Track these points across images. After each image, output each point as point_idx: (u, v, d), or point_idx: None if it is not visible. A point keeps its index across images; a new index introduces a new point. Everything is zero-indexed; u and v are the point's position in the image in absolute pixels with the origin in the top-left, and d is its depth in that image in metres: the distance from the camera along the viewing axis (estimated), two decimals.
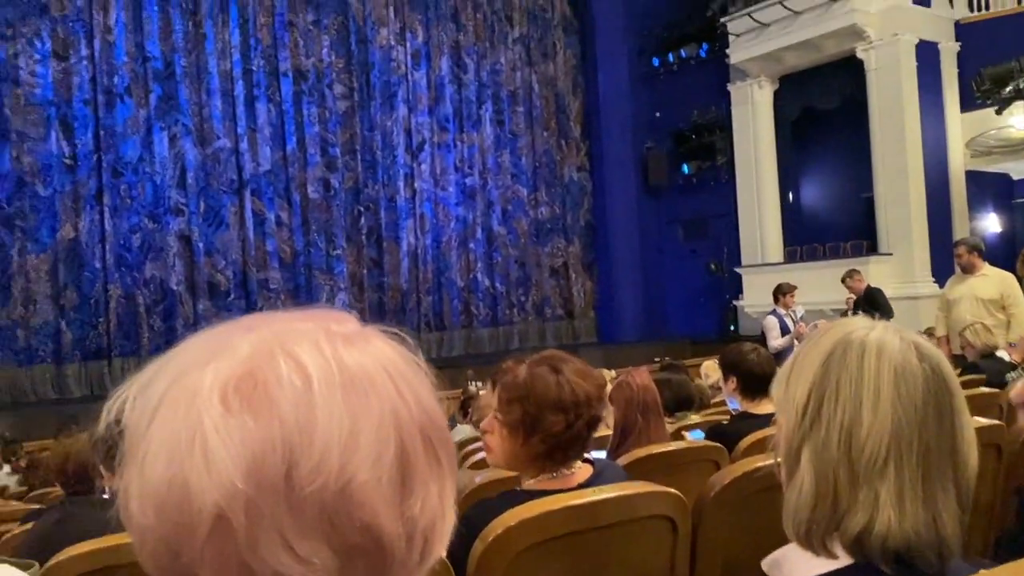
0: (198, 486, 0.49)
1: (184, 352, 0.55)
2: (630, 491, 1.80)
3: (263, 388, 0.51)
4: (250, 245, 12.13)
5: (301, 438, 0.50)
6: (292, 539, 0.49)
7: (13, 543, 2.47)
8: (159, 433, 0.51)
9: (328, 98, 12.90)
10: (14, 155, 10.66)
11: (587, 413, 1.76)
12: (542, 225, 14.93)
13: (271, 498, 0.49)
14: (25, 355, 10.67)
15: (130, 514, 0.52)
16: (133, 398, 0.54)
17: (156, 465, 0.50)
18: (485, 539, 1.64)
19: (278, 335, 0.54)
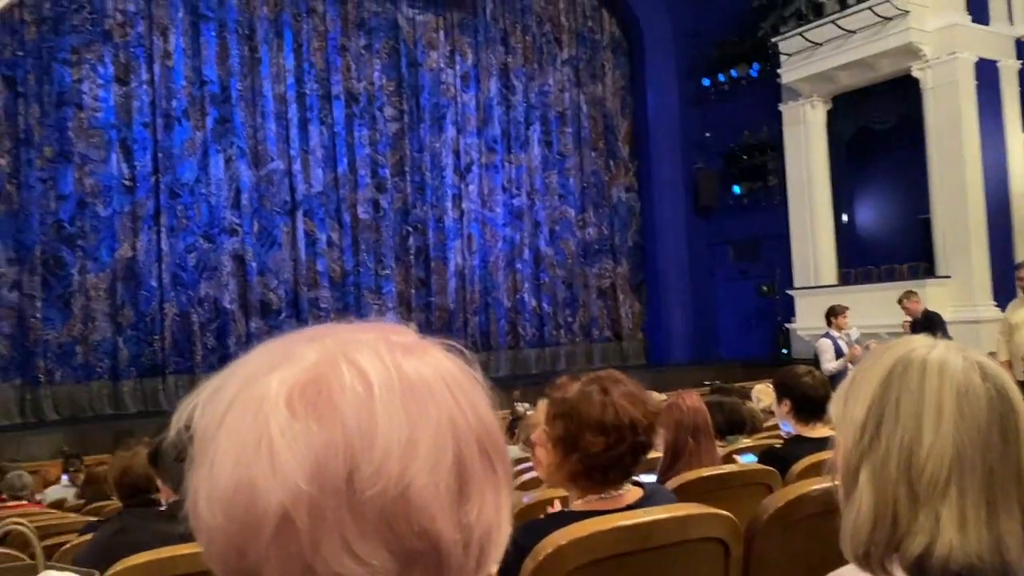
0: (264, 487, 0.50)
1: (251, 360, 0.57)
2: (682, 512, 1.78)
3: (327, 394, 0.53)
4: (301, 265, 12.33)
5: (362, 442, 0.51)
6: (353, 541, 0.51)
7: (73, 553, 2.53)
8: (227, 437, 0.53)
9: (379, 120, 13.11)
10: (76, 177, 11.02)
11: (631, 438, 1.73)
12: (590, 246, 14.91)
13: (333, 500, 0.50)
14: (83, 371, 10.96)
15: (199, 515, 0.54)
16: (203, 404, 0.56)
17: (224, 467, 0.52)
18: (536, 558, 1.63)
19: (341, 344, 0.56)
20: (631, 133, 15.42)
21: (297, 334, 0.58)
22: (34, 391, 10.61)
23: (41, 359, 10.65)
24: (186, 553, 1.92)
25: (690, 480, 2.48)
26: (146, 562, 1.91)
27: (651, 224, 15.13)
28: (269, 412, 0.52)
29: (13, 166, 10.69)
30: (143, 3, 11.50)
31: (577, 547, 1.63)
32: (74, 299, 10.95)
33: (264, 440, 0.51)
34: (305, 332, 0.58)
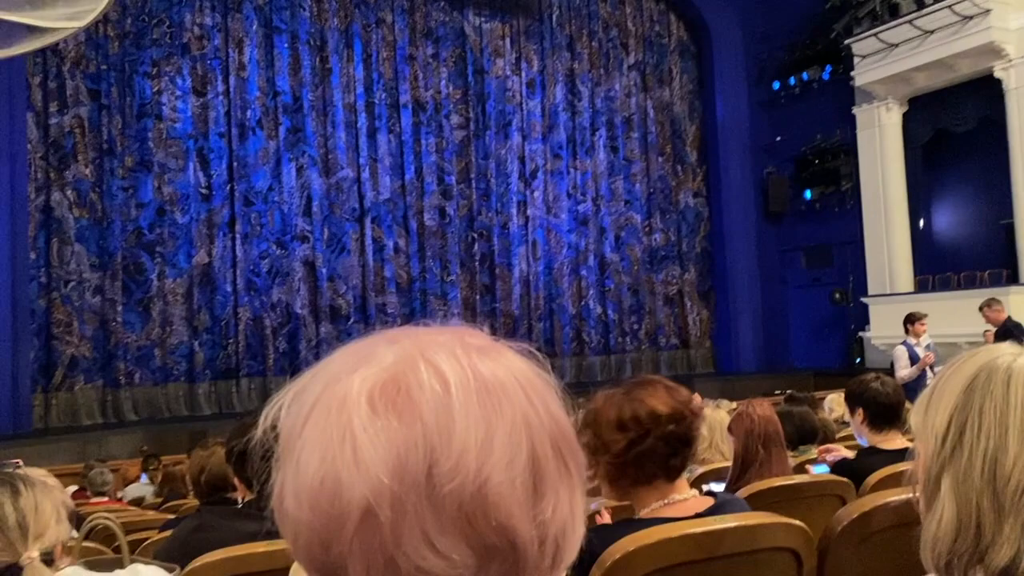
0: (348, 481, 0.52)
1: (334, 362, 0.59)
2: (753, 521, 1.75)
3: (406, 393, 0.55)
4: (369, 271, 12.53)
5: (441, 439, 0.53)
6: (433, 535, 0.52)
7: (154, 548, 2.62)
8: (312, 434, 0.55)
9: (445, 128, 13.25)
10: (156, 185, 11.43)
11: (656, 429, 1.73)
12: (656, 252, 14.77)
13: (414, 494, 0.52)
14: (161, 374, 11.35)
15: (285, 509, 0.56)
16: (288, 405, 0.58)
17: (310, 463, 0.54)
18: (603, 565, 1.63)
19: (419, 346, 0.58)
20: (699, 138, 15.24)
21: (377, 336, 0.60)
22: (115, 392, 11.02)
23: (121, 362, 11.06)
24: (261, 551, 1.97)
25: (760, 490, 2.44)
26: (223, 559, 1.97)
27: (719, 230, 14.91)
28: (351, 410, 0.54)
29: (97, 175, 11.15)
30: (219, 17, 11.88)
31: (645, 554, 1.62)
32: (153, 304, 11.35)
33: (348, 436, 0.53)
34: (385, 334, 0.60)
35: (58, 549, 1.51)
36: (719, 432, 3.55)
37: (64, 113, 11.02)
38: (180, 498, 5.08)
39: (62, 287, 10.89)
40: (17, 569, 1.40)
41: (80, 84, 11.13)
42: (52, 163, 10.93)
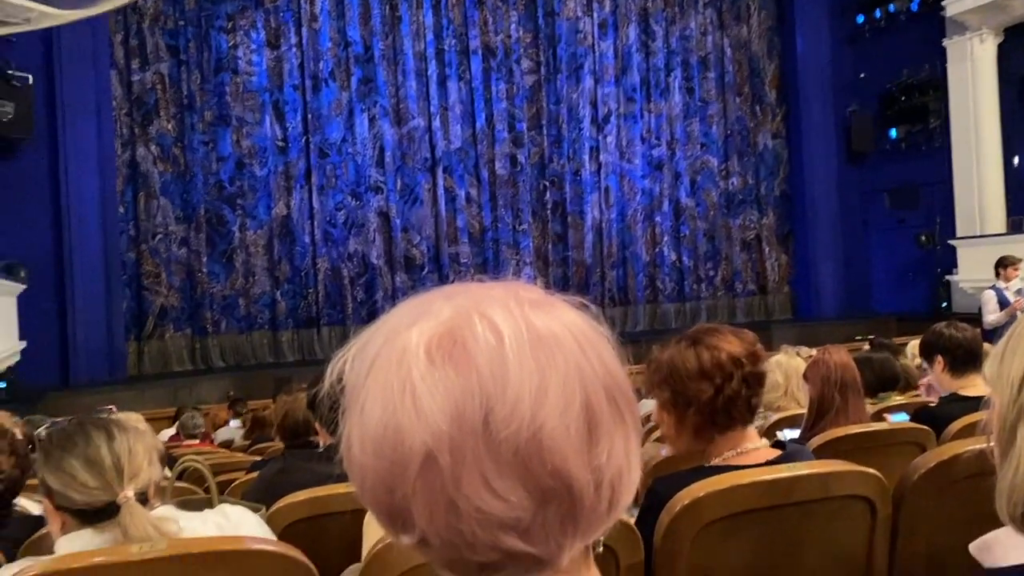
0: (409, 428, 0.56)
1: (393, 317, 0.62)
2: (825, 469, 1.73)
3: (462, 344, 0.58)
4: (442, 221, 12.63)
5: (496, 387, 0.56)
6: (491, 478, 0.56)
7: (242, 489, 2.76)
8: (374, 385, 0.59)
9: (516, 74, 13.11)
10: (234, 139, 11.70)
11: (737, 372, 1.73)
12: (733, 196, 14.44)
13: (471, 440, 0.56)
14: (246, 322, 11.76)
15: (352, 455, 0.60)
16: (352, 358, 0.62)
17: (373, 411, 0.58)
18: (672, 510, 1.64)
19: (474, 300, 0.61)
20: (778, 76, 14.70)
21: (434, 292, 0.64)
22: (203, 340, 11.49)
23: (208, 311, 11.50)
24: (341, 492, 2.05)
25: (836, 437, 2.41)
26: (305, 499, 2.06)
27: (799, 172, 14.44)
28: (411, 362, 0.57)
29: (178, 130, 11.47)
30: None
31: (714, 500, 1.62)
32: (236, 255, 11.71)
33: (407, 387, 0.57)
34: (442, 290, 0.64)
35: (151, 489, 1.60)
36: (795, 379, 3.49)
37: (145, 70, 11.32)
38: (267, 442, 5.30)
39: (150, 239, 11.33)
40: (115, 507, 1.49)
41: (159, 41, 11.40)
42: (136, 119, 11.28)
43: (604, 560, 1.53)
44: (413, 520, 0.57)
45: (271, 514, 2.01)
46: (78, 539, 1.50)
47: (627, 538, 1.61)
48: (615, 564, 1.58)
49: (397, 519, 0.58)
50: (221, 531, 1.62)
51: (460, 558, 0.58)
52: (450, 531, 0.57)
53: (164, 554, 1.41)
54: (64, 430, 1.57)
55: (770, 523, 1.69)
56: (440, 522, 0.57)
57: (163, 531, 1.49)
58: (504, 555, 0.57)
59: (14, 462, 2.17)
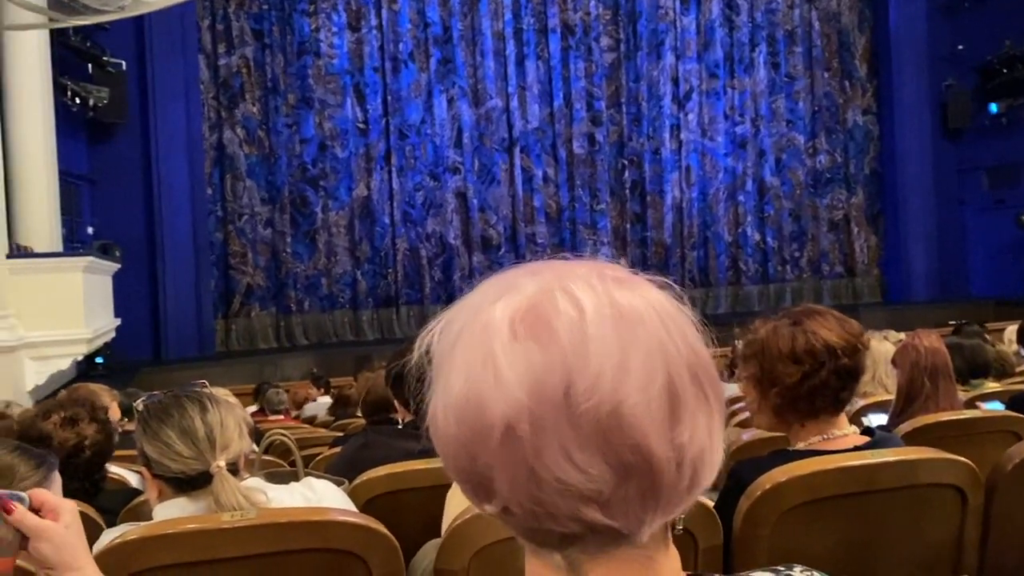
0: (490, 400, 0.57)
1: (479, 292, 0.64)
2: (912, 456, 1.68)
3: (544, 318, 0.58)
4: (519, 201, 12.64)
5: (577, 361, 0.57)
6: (571, 450, 0.56)
7: (325, 463, 2.84)
8: (459, 357, 0.60)
9: (594, 51, 12.97)
10: (317, 121, 11.95)
11: (830, 362, 1.68)
12: (820, 175, 14.00)
13: (552, 412, 0.56)
14: (328, 301, 12.05)
15: (436, 425, 0.62)
16: (439, 332, 0.64)
17: (456, 383, 0.60)
18: (752, 495, 1.62)
19: (557, 276, 0.61)
20: (870, 50, 14.14)
21: (518, 268, 0.64)
22: (287, 318, 11.83)
23: (292, 290, 11.82)
24: (420, 468, 2.09)
25: (926, 424, 2.33)
26: (386, 474, 2.10)
27: (891, 149, 13.90)
28: (493, 335, 0.59)
29: (263, 113, 11.77)
30: None
31: (796, 485, 1.59)
32: (319, 235, 11.99)
33: (489, 359, 0.58)
34: (526, 267, 0.64)
35: (241, 460, 1.66)
36: (883, 365, 3.38)
37: (231, 54, 11.64)
38: (349, 417, 5.43)
39: (236, 220, 11.70)
40: (207, 476, 1.56)
41: (244, 25, 11.70)
42: (223, 102, 11.63)
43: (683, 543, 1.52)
44: (495, 489, 0.59)
45: (353, 488, 2.06)
46: (173, 506, 1.57)
47: (706, 521, 1.59)
48: (694, 547, 1.57)
49: (480, 488, 0.60)
50: (307, 503, 1.68)
51: (541, 528, 0.59)
52: (531, 500, 0.58)
53: (253, 523, 1.47)
54: (160, 402, 1.64)
55: (854, 510, 1.65)
56: (522, 491, 0.58)
57: (252, 501, 1.55)
58: (585, 526, 0.58)
59: (97, 428, 2.29)
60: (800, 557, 0.72)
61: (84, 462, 2.24)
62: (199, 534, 1.46)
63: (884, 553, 1.68)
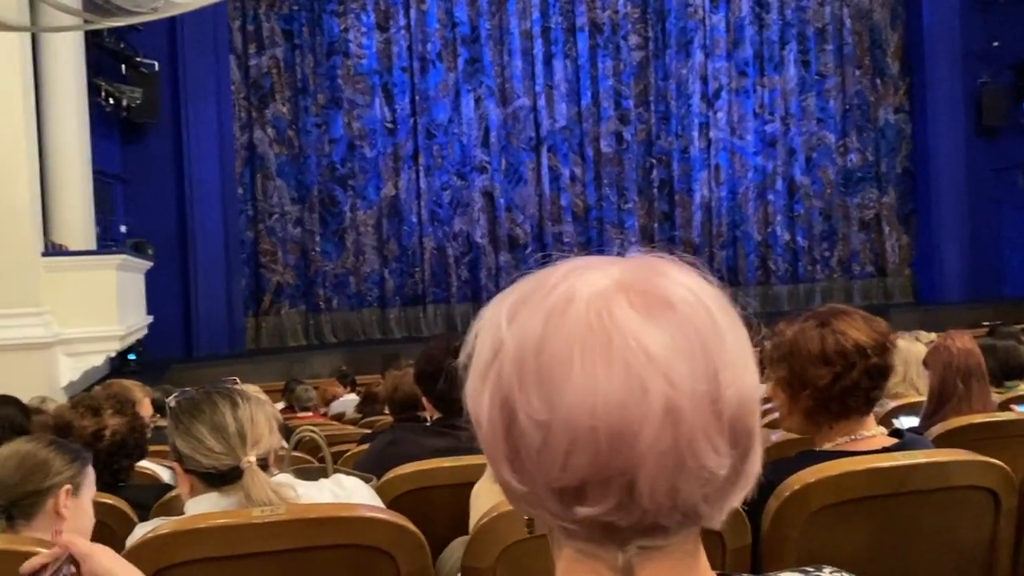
0: (651, 387, 0.55)
1: (547, 284, 0.60)
2: (944, 458, 1.66)
3: (664, 300, 0.58)
4: (546, 200, 12.63)
5: (716, 347, 0.57)
6: (712, 434, 0.56)
7: (353, 460, 2.86)
8: (578, 349, 0.56)
9: (623, 50, 12.93)
10: (345, 121, 12.03)
11: (861, 362, 1.66)
12: (851, 174, 13.84)
13: (703, 395, 0.56)
14: (356, 299, 12.13)
15: (562, 422, 0.56)
16: (506, 326, 0.59)
17: (598, 374, 0.55)
18: (780, 496, 1.61)
19: (644, 262, 0.61)
20: (902, 47, 13.95)
21: (579, 260, 0.63)
22: (316, 316, 11.92)
23: (321, 288, 11.91)
24: (447, 466, 2.10)
25: (959, 427, 2.30)
26: (414, 471, 2.12)
27: (924, 148, 13.70)
28: (630, 325, 0.56)
29: (293, 113, 11.88)
30: None
31: (825, 487, 1.58)
32: (347, 234, 12.07)
33: (637, 348, 0.55)
34: (586, 259, 0.63)
35: (271, 456, 1.68)
36: (914, 366, 3.34)
37: (262, 54, 11.75)
38: (377, 415, 5.46)
39: (267, 219, 11.81)
40: (238, 472, 1.58)
41: (275, 25, 11.80)
42: (253, 102, 11.74)
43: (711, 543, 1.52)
44: (633, 483, 0.55)
45: (381, 485, 2.08)
46: (205, 501, 1.59)
47: (734, 522, 1.59)
48: (721, 547, 1.56)
49: (602, 486, 0.56)
50: (336, 499, 1.69)
51: (636, 524, 0.57)
52: (668, 493, 0.56)
53: (283, 518, 1.48)
54: (192, 398, 1.66)
55: (884, 512, 1.63)
56: (663, 483, 0.55)
57: (282, 496, 1.57)
58: (684, 518, 0.58)
59: (121, 421, 2.32)
60: (829, 559, 0.72)
61: (103, 451, 2.26)
62: (229, 529, 1.48)
63: (915, 556, 1.67)
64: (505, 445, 0.58)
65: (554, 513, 0.59)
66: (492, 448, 0.60)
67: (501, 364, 0.58)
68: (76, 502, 1.73)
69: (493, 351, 0.59)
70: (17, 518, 1.67)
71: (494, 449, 0.60)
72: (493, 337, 0.60)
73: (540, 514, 0.61)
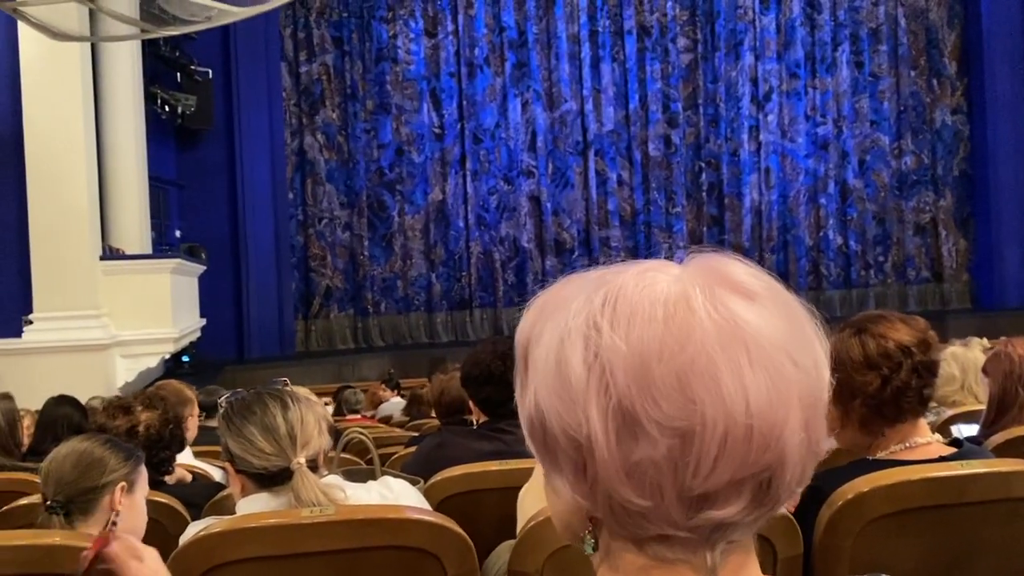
0: (789, 379, 0.57)
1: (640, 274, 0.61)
2: (1005, 468, 1.61)
3: (750, 290, 0.59)
4: (593, 204, 12.59)
5: (807, 326, 0.60)
6: (824, 417, 0.59)
7: (401, 462, 2.88)
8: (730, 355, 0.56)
9: (671, 53, 12.84)
10: (394, 127, 12.16)
11: (907, 362, 1.63)
12: (906, 177, 13.53)
13: (817, 381, 0.59)
14: (403, 304, 12.23)
15: (726, 422, 0.55)
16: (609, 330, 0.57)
17: (747, 376, 0.55)
18: (833, 504, 1.57)
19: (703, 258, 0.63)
20: (959, 47, 13.59)
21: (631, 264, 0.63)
22: (364, 320, 12.05)
23: (369, 292, 12.04)
24: (494, 469, 2.10)
25: (1020, 436, 2.22)
26: (461, 474, 2.12)
27: (983, 150, 13.32)
28: (741, 313, 0.57)
29: (342, 119, 12.04)
30: None
31: (880, 496, 1.54)
32: (395, 239, 12.18)
33: (759, 337, 0.56)
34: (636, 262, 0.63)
35: (320, 457, 1.70)
36: (972, 373, 3.25)
37: (312, 61, 11.93)
38: (424, 418, 5.49)
39: (316, 224, 11.98)
40: (288, 473, 1.60)
41: (325, 33, 11.98)
42: (304, 109, 11.93)
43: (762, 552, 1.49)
44: (777, 479, 0.56)
45: (428, 487, 2.09)
46: (256, 501, 1.61)
47: (786, 531, 1.56)
48: (772, 556, 1.53)
49: (728, 489, 0.55)
50: (384, 501, 1.70)
51: (744, 519, 0.57)
52: (799, 480, 0.58)
53: (332, 519, 1.50)
54: (243, 400, 1.69)
55: (942, 523, 1.59)
56: (798, 474, 0.57)
57: (331, 497, 1.58)
58: (773, 509, 0.59)
59: (152, 416, 2.36)
60: (884, 569, 0.70)
61: (140, 446, 2.30)
62: (279, 529, 1.50)
63: (975, 568, 1.62)
64: (619, 457, 0.55)
65: (671, 522, 0.56)
66: (602, 464, 0.56)
67: (610, 376, 0.55)
68: (130, 500, 1.77)
69: (588, 365, 0.56)
70: (75, 514, 1.72)
71: (603, 466, 0.56)
72: (583, 350, 0.57)
73: (610, 525, 0.59)
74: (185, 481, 2.58)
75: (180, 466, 2.59)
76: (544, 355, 0.59)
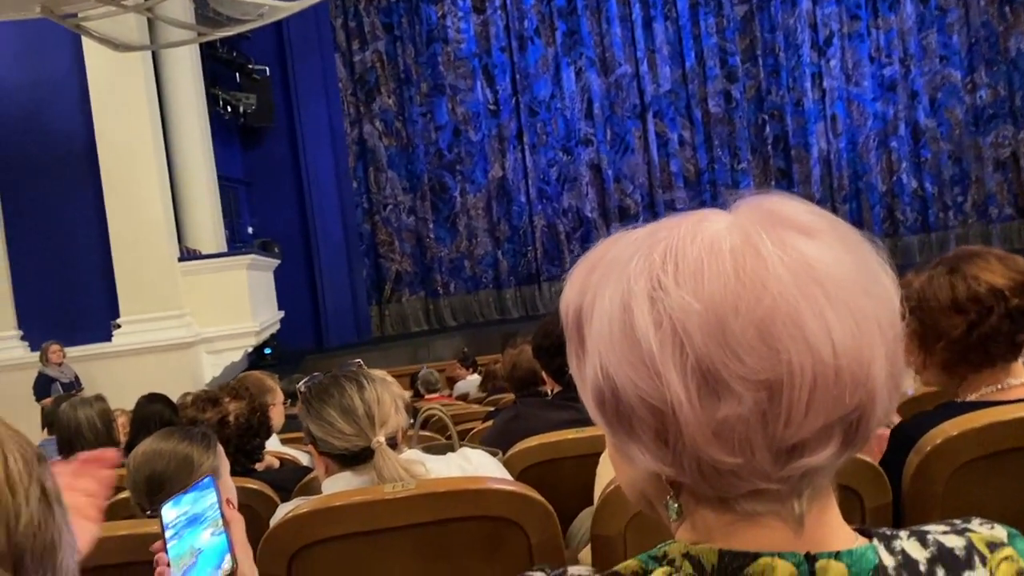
0: (870, 335, 0.56)
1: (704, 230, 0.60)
2: None
3: (810, 227, 0.58)
4: (655, 167, 12.42)
5: (872, 257, 0.59)
6: (903, 351, 0.59)
7: (479, 436, 2.91)
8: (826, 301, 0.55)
9: (725, 6, 12.52)
10: (449, 107, 12.18)
11: (999, 307, 1.54)
12: (982, 111, 12.95)
13: (894, 315, 0.58)
14: (472, 283, 12.31)
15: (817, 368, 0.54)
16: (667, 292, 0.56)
17: (836, 328, 0.54)
18: (921, 450, 1.53)
19: (752, 200, 0.62)
20: None
21: (676, 217, 0.65)
22: (435, 302, 12.18)
23: (438, 274, 12.16)
24: (571, 437, 2.11)
25: None
26: (538, 444, 2.14)
27: None
28: (812, 255, 0.55)
29: (398, 104, 12.12)
30: None
31: (969, 439, 1.49)
32: (458, 219, 12.26)
33: (834, 275, 0.55)
34: (684, 215, 0.65)
35: (399, 435, 1.73)
36: None
37: (365, 49, 12.03)
38: (500, 392, 5.54)
39: (381, 210, 12.13)
40: (369, 452, 1.63)
41: (375, 20, 12.05)
42: (360, 97, 12.05)
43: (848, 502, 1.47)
44: (864, 420, 0.56)
45: (507, 458, 2.11)
46: (340, 480, 1.65)
47: (873, 479, 1.53)
48: (860, 506, 1.51)
49: (819, 435, 0.55)
50: (464, 473, 1.73)
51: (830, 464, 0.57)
52: (882, 422, 0.58)
53: (414, 493, 1.53)
54: (320, 384, 1.73)
55: None
56: (884, 412, 0.57)
57: (412, 472, 1.61)
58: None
59: (240, 406, 2.43)
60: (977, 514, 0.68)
61: (232, 436, 2.37)
62: (363, 506, 1.53)
63: None
64: (704, 418, 0.54)
65: (763, 476, 0.55)
66: (686, 427, 0.54)
67: (684, 335, 0.54)
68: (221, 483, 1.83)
69: (658, 327, 0.54)
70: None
71: (688, 429, 0.54)
72: (651, 312, 0.55)
73: (698, 487, 0.58)
74: (273, 467, 2.66)
75: (268, 453, 2.67)
76: (606, 322, 0.57)
